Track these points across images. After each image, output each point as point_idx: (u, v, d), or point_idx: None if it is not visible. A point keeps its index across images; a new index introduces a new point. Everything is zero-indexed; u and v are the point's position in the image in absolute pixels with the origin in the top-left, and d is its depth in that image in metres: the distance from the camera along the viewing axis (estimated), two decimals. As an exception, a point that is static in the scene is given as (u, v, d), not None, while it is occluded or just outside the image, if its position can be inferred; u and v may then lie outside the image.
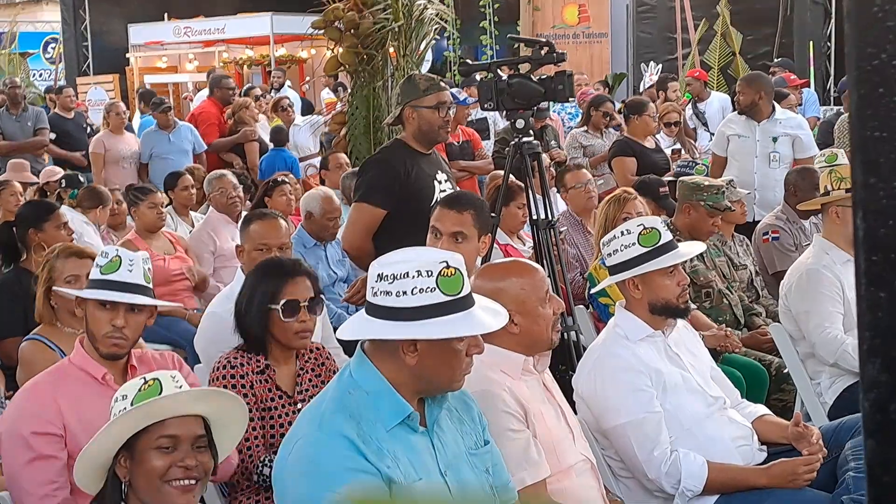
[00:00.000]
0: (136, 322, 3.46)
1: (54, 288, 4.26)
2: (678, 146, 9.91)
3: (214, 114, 11.80)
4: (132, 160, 11.09)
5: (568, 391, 3.83)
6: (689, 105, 11.83)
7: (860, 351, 0.87)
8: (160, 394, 2.59)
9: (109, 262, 3.41)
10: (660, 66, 15.31)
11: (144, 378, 2.64)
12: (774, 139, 7.78)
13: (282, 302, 3.68)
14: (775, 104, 7.97)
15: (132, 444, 2.59)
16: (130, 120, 11.71)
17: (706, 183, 5.91)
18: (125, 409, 2.59)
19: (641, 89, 14.22)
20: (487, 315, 2.68)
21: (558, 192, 7.06)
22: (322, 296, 3.87)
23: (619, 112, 10.15)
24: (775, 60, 13.30)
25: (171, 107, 11.65)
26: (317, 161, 11.02)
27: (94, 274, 3.43)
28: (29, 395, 3.39)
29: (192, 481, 2.59)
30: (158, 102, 11.39)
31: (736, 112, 8.08)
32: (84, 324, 3.49)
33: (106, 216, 7.89)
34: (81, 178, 8.85)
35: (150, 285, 3.52)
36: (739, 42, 16.56)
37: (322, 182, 8.92)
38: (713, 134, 9.35)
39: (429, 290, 2.58)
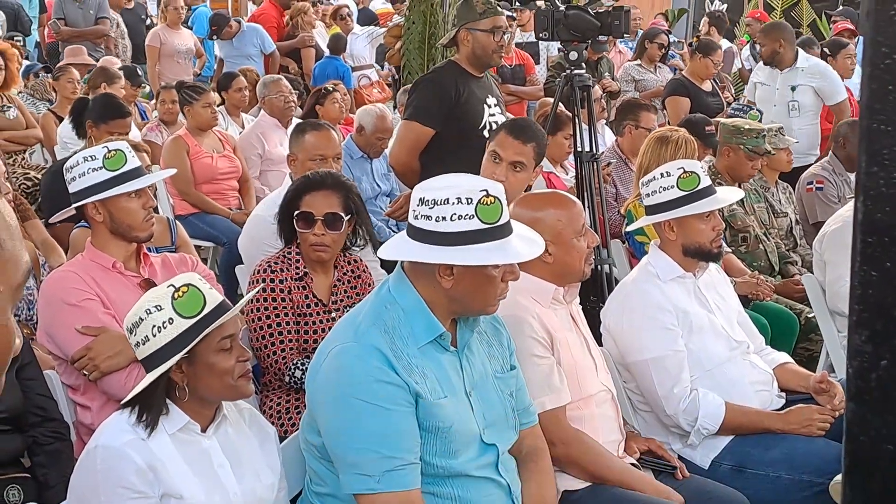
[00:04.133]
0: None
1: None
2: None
3: (274, 17, 11.84)
4: (187, 55, 11.18)
5: (597, 323, 3.92)
6: (748, 46, 11.70)
7: (849, 322, 0.95)
8: (204, 302, 2.61)
9: (110, 159, 3.48)
10: (725, 4, 15.08)
11: (173, 285, 2.65)
12: (793, 88, 7.78)
13: (296, 212, 3.80)
14: (799, 51, 7.96)
15: (192, 350, 2.62)
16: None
17: (746, 126, 5.91)
18: (170, 319, 2.58)
19: (701, 26, 14.05)
20: (523, 244, 2.74)
21: (608, 125, 7.05)
22: (355, 214, 3.88)
23: (690, 45, 10.04)
24: (839, 8, 13.06)
25: (229, 18, 11.63)
26: (370, 72, 11.03)
27: (104, 175, 3.46)
28: (58, 279, 3.56)
29: (248, 369, 2.73)
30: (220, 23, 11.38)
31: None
32: (105, 224, 3.54)
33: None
34: (140, 72, 8.95)
35: None
36: (806, -16, 16.25)
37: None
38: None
39: (467, 217, 2.65)
